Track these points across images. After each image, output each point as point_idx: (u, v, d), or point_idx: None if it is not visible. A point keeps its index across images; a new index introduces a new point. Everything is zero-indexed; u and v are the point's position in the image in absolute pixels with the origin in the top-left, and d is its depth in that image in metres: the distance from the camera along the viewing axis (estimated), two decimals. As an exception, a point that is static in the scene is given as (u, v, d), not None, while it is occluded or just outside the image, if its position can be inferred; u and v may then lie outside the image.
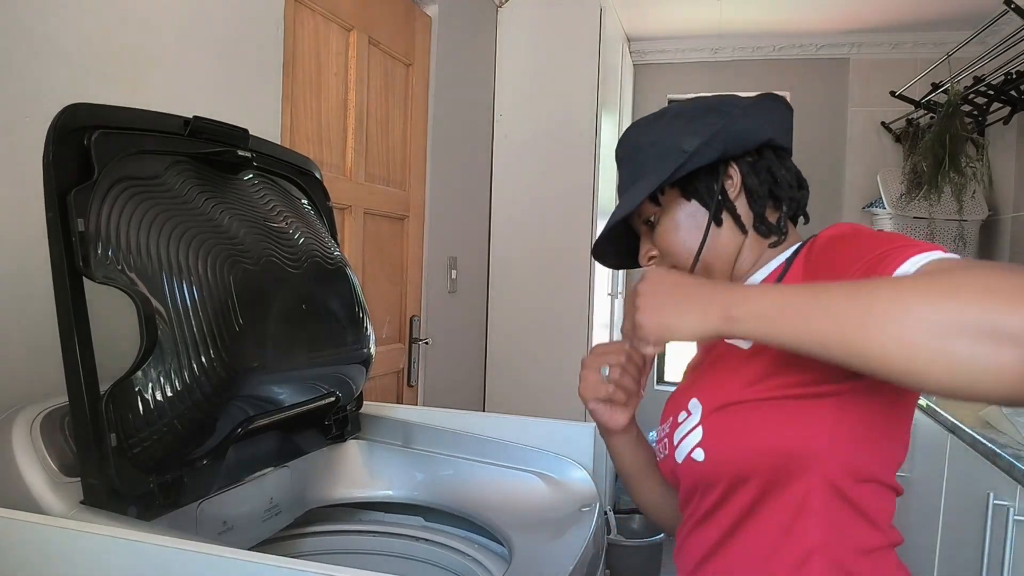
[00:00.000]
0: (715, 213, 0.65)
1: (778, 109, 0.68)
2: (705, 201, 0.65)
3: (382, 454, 0.94)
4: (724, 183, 0.65)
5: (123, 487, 0.59)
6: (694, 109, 0.67)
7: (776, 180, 0.67)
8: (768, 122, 0.67)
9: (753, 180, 0.65)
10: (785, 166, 0.68)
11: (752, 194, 0.66)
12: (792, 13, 2.49)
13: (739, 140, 0.64)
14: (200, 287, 0.63)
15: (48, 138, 0.57)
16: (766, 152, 0.67)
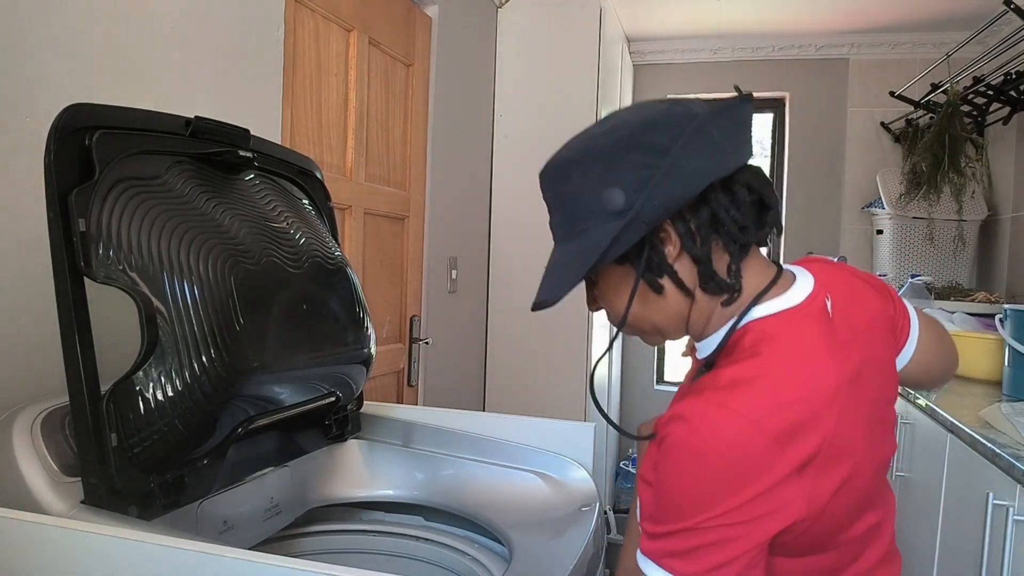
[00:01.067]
0: (651, 280, 0.57)
1: (730, 124, 0.58)
2: (637, 267, 0.56)
3: (382, 454, 0.94)
4: (660, 248, 0.56)
5: (124, 487, 0.59)
6: (613, 145, 0.56)
7: (723, 227, 0.56)
8: (714, 155, 0.55)
9: (692, 242, 0.56)
10: (736, 201, 0.56)
11: (694, 257, 0.56)
12: (792, 14, 2.50)
13: (674, 203, 0.54)
14: (201, 287, 0.63)
15: (49, 138, 0.57)
16: (710, 194, 0.55)
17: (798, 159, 2.79)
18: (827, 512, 0.51)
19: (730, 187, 0.56)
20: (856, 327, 0.58)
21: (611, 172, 0.55)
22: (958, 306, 2.00)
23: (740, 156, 0.57)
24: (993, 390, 1.62)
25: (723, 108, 0.57)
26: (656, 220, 0.55)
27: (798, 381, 0.52)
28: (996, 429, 1.22)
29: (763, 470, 0.48)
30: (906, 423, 1.62)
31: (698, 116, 0.56)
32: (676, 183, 0.54)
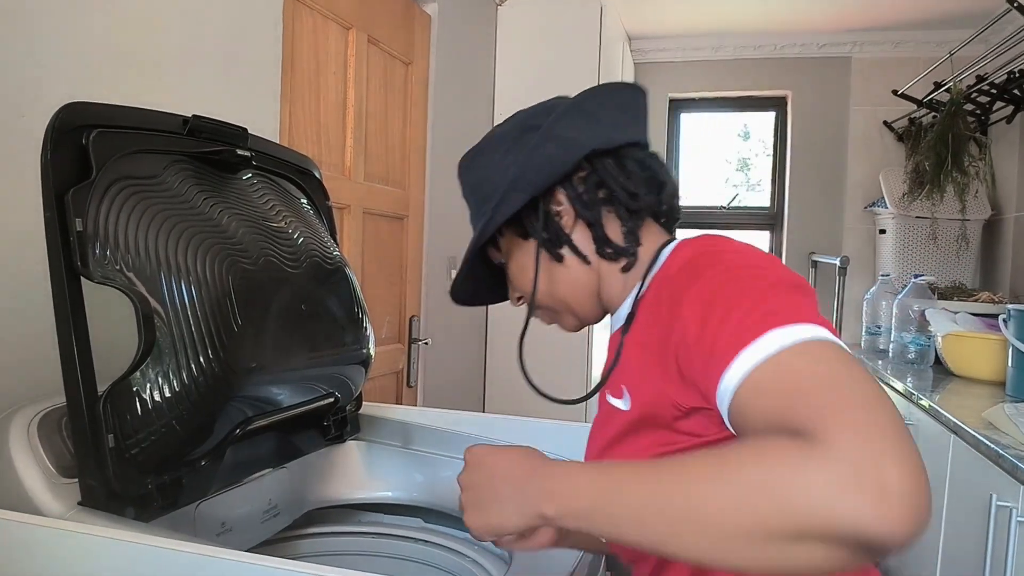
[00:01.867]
0: (550, 249, 0.60)
1: (609, 102, 0.60)
2: (537, 238, 0.60)
3: (381, 455, 0.93)
4: (555, 216, 0.59)
5: (121, 488, 0.59)
6: (511, 129, 0.62)
7: (612, 193, 0.59)
8: (589, 128, 0.59)
9: (582, 205, 0.59)
10: (625, 171, 0.59)
11: (586, 221, 0.59)
12: (794, 11, 2.49)
13: (551, 166, 0.57)
14: (199, 287, 0.63)
15: (46, 137, 0.56)
16: (597, 163, 0.59)
17: (800, 158, 2.78)
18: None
19: (621, 160, 0.60)
20: None
21: (507, 155, 0.61)
22: (961, 306, 1.99)
23: (627, 133, 0.61)
24: (996, 391, 1.61)
25: (605, 87, 0.62)
26: (538, 184, 0.58)
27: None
28: (999, 430, 1.22)
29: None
30: (909, 424, 1.62)
31: (575, 97, 0.61)
32: (552, 148, 0.58)
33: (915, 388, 1.63)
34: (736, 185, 3.06)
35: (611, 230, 0.60)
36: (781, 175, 2.89)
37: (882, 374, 1.90)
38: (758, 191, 3.03)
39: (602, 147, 0.59)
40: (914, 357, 1.98)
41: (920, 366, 1.97)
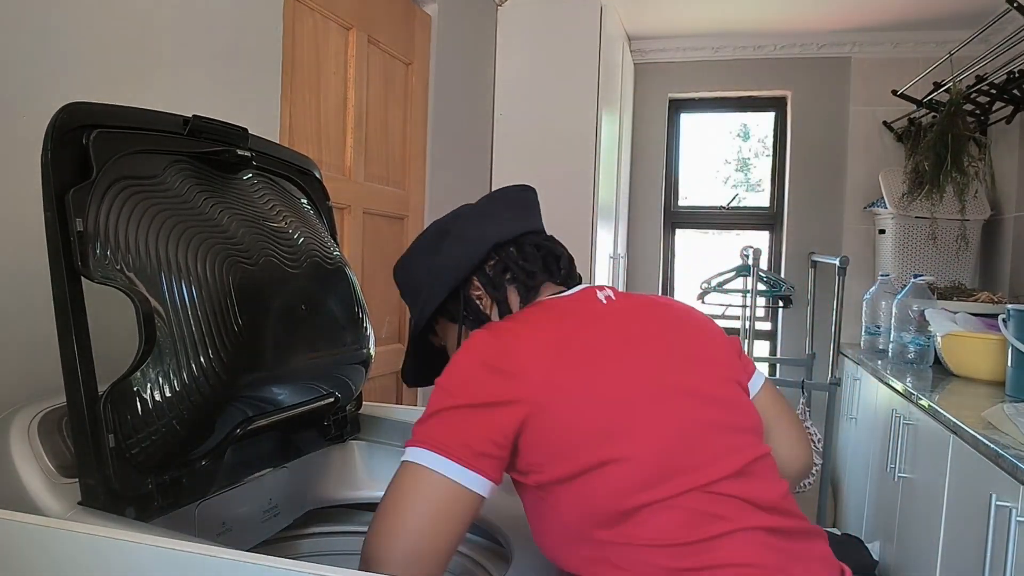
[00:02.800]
0: (473, 327, 0.72)
1: (503, 202, 0.76)
2: (459, 320, 0.74)
3: (382, 455, 0.93)
4: (474, 300, 0.74)
5: (121, 488, 0.59)
6: (429, 239, 0.77)
7: (513, 276, 0.73)
8: (491, 224, 0.74)
9: (492, 288, 0.73)
10: (524, 255, 0.74)
11: (495, 300, 0.73)
12: (793, 12, 2.49)
13: (463, 261, 0.73)
14: (199, 287, 0.63)
15: (46, 137, 0.56)
16: (501, 252, 0.74)
17: (800, 158, 2.78)
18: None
19: (521, 247, 0.74)
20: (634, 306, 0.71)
21: (428, 258, 0.75)
22: (961, 306, 1.99)
23: (524, 224, 0.76)
24: (996, 391, 1.61)
25: (498, 192, 0.78)
26: (454, 276, 0.73)
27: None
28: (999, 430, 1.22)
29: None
30: (908, 424, 1.62)
31: (475, 203, 0.77)
32: (461, 247, 0.73)
33: (915, 388, 1.63)
34: (736, 185, 3.06)
35: (512, 302, 0.74)
36: (781, 175, 2.89)
37: (882, 374, 1.90)
38: (758, 191, 3.03)
39: (504, 239, 0.73)
40: (914, 357, 1.98)
41: (920, 366, 1.97)
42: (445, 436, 0.59)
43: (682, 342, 0.69)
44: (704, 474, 0.59)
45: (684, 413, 0.62)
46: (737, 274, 2.69)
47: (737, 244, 2.83)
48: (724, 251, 3.00)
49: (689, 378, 0.65)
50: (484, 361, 0.61)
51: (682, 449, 0.59)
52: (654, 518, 0.57)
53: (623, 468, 0.57)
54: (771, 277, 2.72)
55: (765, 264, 2.89)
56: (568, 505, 0.59)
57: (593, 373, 0.61)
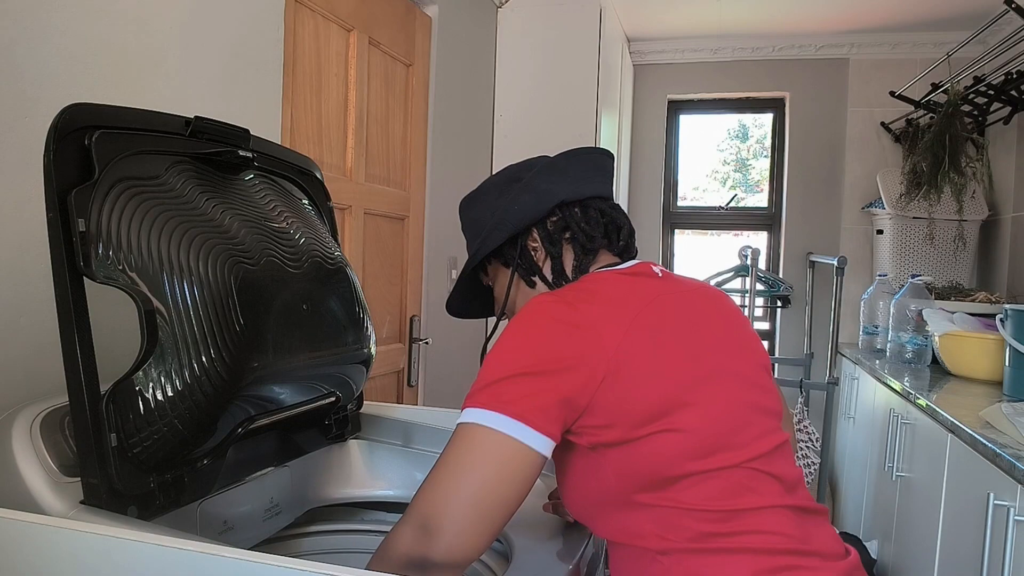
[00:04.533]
0: (524, 276, 0.76)
1: (579, 162, 0.76)
2: (513, 265, 0.76)
3: (382, 454, 0.94)
4: (530, 251, 0.75)
5: (123, 487, 0.59)
6: (500, 179, 0.78)
7: (573, 233, 0.74)
8: (562, 182, 0.74)
9: (550, 243, 0.74)
10: (587, 218, 0.74)
11: (550, 256, 0.75)
12: (792, 13, 2.50)
13: (528, 211, 0.73)
14: (201, 287, 0.63)
15: (49, 138, 0.57)
16: (566, 210, 0.74)
17: (798, 159, 2.78)
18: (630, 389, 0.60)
19: (586, 209, 0.75)
20: (688, 289, 0.72)
21: (495, 200, 0.76)
22: (958, 306, 2.00)
23: (594, 188, 0.76)
24: (994, 390, 1.62)
25: (579, 150, 0.78)
26: (516, 224, 0.74)
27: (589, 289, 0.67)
28: (997, 429, 1.22)
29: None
30: (906, 423, 1.62)
31: (552, 157, 0.77)
32: (529, 197, 0.74)
33: (912, 388, 1.64)
34: (734, 186, 3.07)
35: (566, 261, 0.75)
36: (779, 176, 2.90)
37: (880, 373, 1.90)
38: (756, 192, 3.04)
39: (570, 198, 0.74)
40: (911, 357, 1.99)
41: (917, 366, 1.98)
42: (517, 398, 0.57)
43: (728, 327, 0.71)
44: (746, 451, 0.62)
45: (734, 394, 0.64)
46: (736, 274, 2.69)
47: (736, 244, 2.84)
48: (723, 251, 3.00)
49: (736, 361, 0.68)
50: (561, 318, 0.61)
51: (731, 427, 0.62)
52: (697, 486, 0.60)
53: (678, 438, 0.60)
54: (769, 277, 2.73)
55: (763, 264, 2.89)
56: (616, 467, 0.61)
57: (661, 345, 0.62)
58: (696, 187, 3.10)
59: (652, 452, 0.60)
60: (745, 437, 0.63)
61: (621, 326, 0.61)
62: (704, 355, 0.65)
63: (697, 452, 0.60)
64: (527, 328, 0.61)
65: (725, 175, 3.09)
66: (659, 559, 0.60)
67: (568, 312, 0.61)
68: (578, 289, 0.67)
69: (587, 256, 0.74)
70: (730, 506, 0.60)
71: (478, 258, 0.77)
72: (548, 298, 0.64)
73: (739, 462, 0.61)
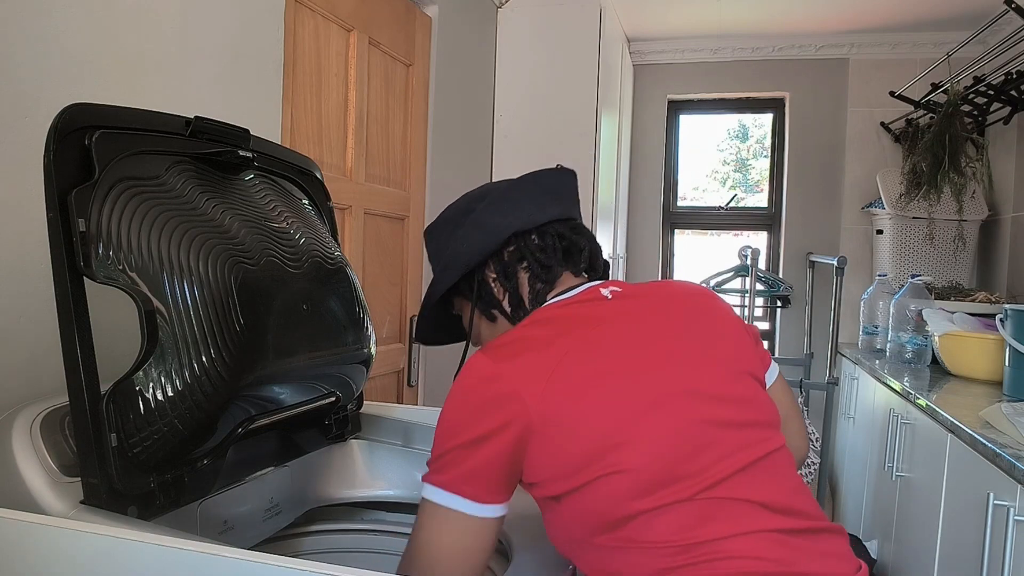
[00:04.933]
0: (484, 311, 0.75)
1: (532, 188, 0.74)
2: (471, 301, 0.75)
3: (382, 454, 0.94)
4: (489, 283, 0.74)
5: (123, 487, 0.59)
6: (456, 212, 0.76)
7: (528, 264, 0.73)
8: (514, 212, 0.72)
9: (504, 276, 0.73)
10: (543, 246, 0.73)
11: (506, 290, 0.73)
12: (791, 14, 2.50)
13: (478, 248, 0.72)
14: (201, 287, 0.63)
15: (49, 138, 0.57)
16: (521, 240, 0.73)
17: (798, 159, 2.78)
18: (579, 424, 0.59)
19: (543, 235, 0.73)
20: (644, 304, 0.69)
21: (451, 234, 0.75)
22: (958, 306, 2.00)
23: (549, 214, 0.74)
24: (994, 390, 1.62)
25: (531, 176, 0.75)
26: (467, 263, 0.73)
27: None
28: (997, 429, 1.22)
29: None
30: (906, 423, 1.62)
31: (505, 186, 0.75)
32: (479, 234, 0.72)
33: (912, 387, 1.64)
34: (734, 186, 3.07)
35: (522, 291, 0.73)
36: (779, 176, 2.90)
37: (879, 373, 1.90)
38: (756, 192, 3.04)
39: (523, 228, 0.72)
40: (911, 357, 1.99)
41: (917, 366, 1.98)
42: (456, 475, 0.60)
43: (691, 338, 0.67)
44: (702, 478, 0.58)
45: (687, 416, 0.61)
46: (736, 274, 2.70)
47: (736, 244, 2.84)
48: (723, 251, 3.00)
49: (695, 378, 0.64)
50: (485, 380, 0.61)
51: (682, 455, 0.59)
52: (649, 524, 0.57)
53: (620, 479, 0.58)
54: (769, 277, 2.73)
55: (763, 264, 2.89)
56: (570, 514, 0.60)
57: (592, 388, 0.60)
58: (696, 187, 3.10)
59: (596, 498, 0.58)
60: (701, 463, 0.59)
61: (542, 379, 0.60)
62: (648, 382, 0.62)
63: (641, 491, 0.57)
64: (458, 396, 0.62)
65: (725, 175, 3.09)
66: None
67: (493, 371, 0.61)
68: (511, 339, 0.66)
69: (546, 285, 0.72)
70: (689, 539, 0.57)
71: (432, 299, 0.76)
72: (478, 358, 0.63)
73: (693, 493, 0.58)
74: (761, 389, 0.69)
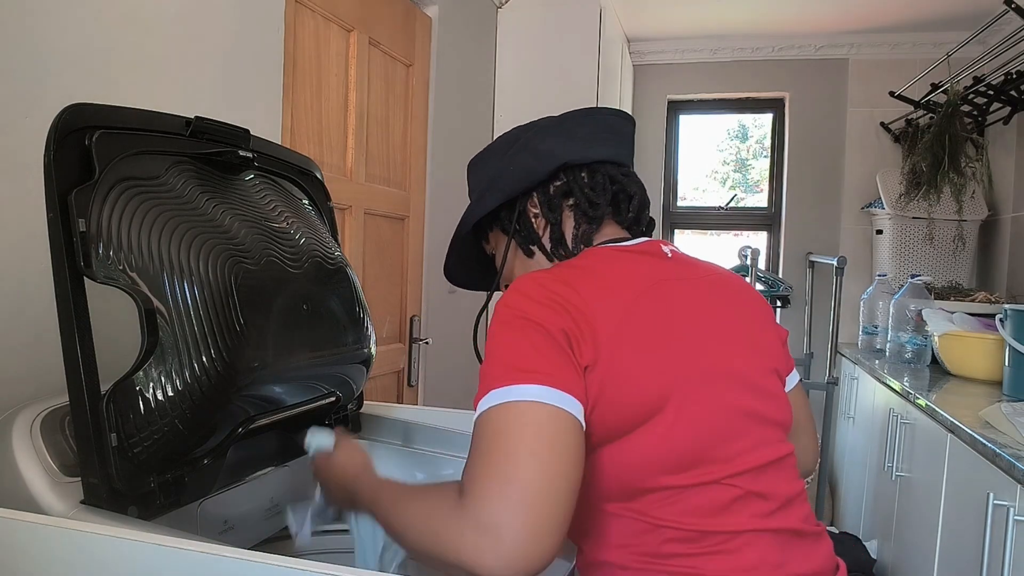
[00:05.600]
0: (522, 245, 0.70)
1: (590, 123, 0.69)
2: (510, 232, 0.70)
3: (382, 454, 0.94)
4: (529, 217, 0.69)
5: (124, 487, 0.59)
6: (506, 139, 0.72)
7: (575, 199, 0.68)
8: (567, 143, 0.67)
9: (548, 209, 0.68)
10: (593, 184, 0.68)
11: (549, 223, 0.68)
12: (792, 14, 2.50)
13: (525, 174, 0.67)
14: (201, 287, 0.63)
15: (49, 138, 0.57)
16: (571, 174, 0.68)
17: (798, 159, 2.79)
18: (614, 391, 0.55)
19: (594, 174, 0.68)
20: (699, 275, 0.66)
21: (497, 161, 0.71)
22: (958, 306, 2.00)
23: (602, 151, 0.69)
24: (993, 390, 1.62)
25: (591, 109, 0.71)
26: (512, 187, 0.68)
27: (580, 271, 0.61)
28: (996, 429, 1.22)
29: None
30: (906, 423, 1.62)
31: (559, 116, 0.70)
32: (527, 157, 0.67)
33: (912, 387, 1.64)
34: (734, 186, 3.07)
35: (566, 229, 0.68)
36: (779, 176, 2.90)
37: (879, 373, 1.90)
38: (756, 192, 3.04)
39: (575, 161, 0.67)
40: (911, 357, 1.99)
41: (917, 365, 1.98)
42: (533, 362, 0.51)
43: (738, 321, 0.65)
44: (730, 465, 0.56)
45: (726, 400, 0.58)
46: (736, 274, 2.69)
47: (735, 244, 2.83)
48: (723, 251, 3.00)
49: (738, 361, 0.61)
50: (553, 292, 0.55)
51: (716, 437, 0.57)
52: (670, 501, 0.55)
53: (653, 448, 0.55)
54: (769, 277, 2.73)
55: (763, 264, 2.89)
56: (591, 469, 0.56)
57: (654, 340, 0.56)
58: (696, 187, 3.11)
59: (624, 461, 0.55)
60: (732, 449, 0.57)
61: (615, 315, 0.55)
62: (700, 352, 0.58)
63: (673, 465, 0.55)
64: (519, 302, 0.55)
65: (725, 175, 3.10)
66: (617, 573, 0.57)
67: (561, 289, 0.55)
68: (571, 266, 0.61)
69: (590, 225, 0.67)
70: (702, 526, 0.55)
71: (468, 223, 0.71)
72: (538, 274, 0.58)
73: (719, 477, 0.55)
74: (783, 389, 0.67)
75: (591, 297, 0.56)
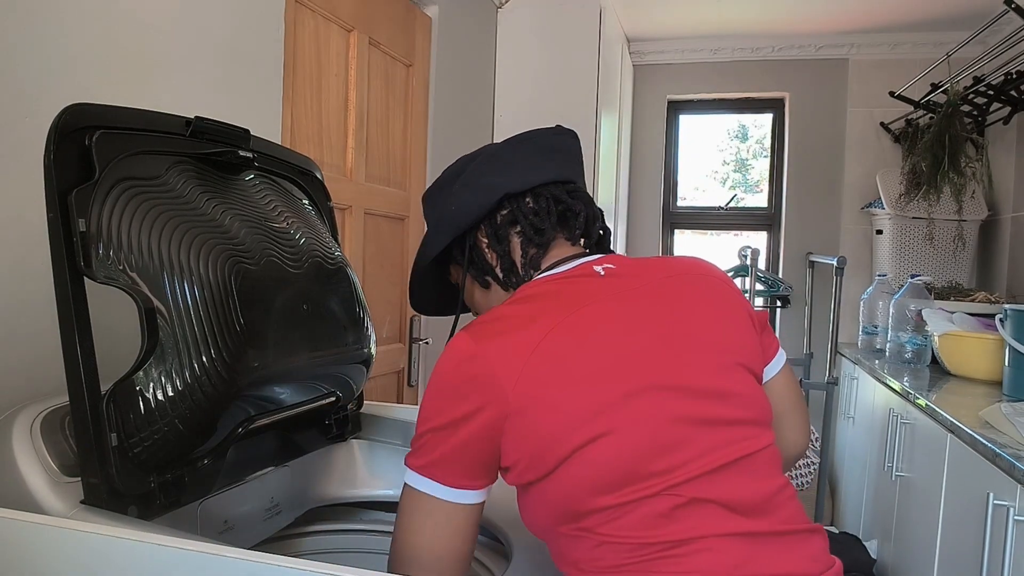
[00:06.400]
0: (477, 277, 0.72)
1: (525, 148, 0.71)
2: (463, 265, 0.72)
3: (382, 453, 0.94)
4: (482, 248, 0.71)
5: (124, 487, 0.59)
6: (448, 176, 0.73)
7: (520, 227, 0.69)
8: (506, 172, 0.69)
9: (496, 240, 0.70)
10: (537, 208, 0.69)
11: (497, 253, 0.71)
12: (792, 13, 2.50)
13: (468, 211, 0.69)
14: (201, 287, 0.63)
15: (49, 138, 0.57)
16: (513, 202, 0.70)
17: (798, 159, 2.79)
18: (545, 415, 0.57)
19: (538, 198, 0.70)
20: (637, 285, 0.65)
21: (445, 197, 0.72)
22: (958, 306, 2.00)
23: (545, 174, 0.70)
24: (993, 390, 1.62)
25: (525, 135, 0.73)
26: (459, 224, 0.70)
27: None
28: (996, 429, 1.22)
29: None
30: (906, 423, 1.63)
31: (497, 145, 0.72)
32: (469, 195, 0.69)
33: (912, 387, 1.64)
34: (734, 186, 3.07)
35: (515, 256, 0.70)
36: (779, 176, 2.90)
37: (879, 373, 1.90)
38: (756, 192, 3.04)
39: (516, 190, 0.69)
40: (911, 357, 1.99)
41: (917, 365, 1.98)
42: (430, 460, 0.60)
43: (681, 325, 0.63)
44: (674, 476, 0.56)
45: (660, 413, 0.58)
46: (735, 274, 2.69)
47: (735, 244, 2.84)
48: (723, 251, 3.00)
49: (677, 370, 0.60)
50: (464, 361, 0.59)
51: (650, 453, 0.56)
52: (613, 519, 0.56)
53: (585, 472, 0.56)
54: (769, 277, 2.73)
55: (763, 264, 2.89)
56: (536, 502, 0.60)
57: (568, 374, 0.57)
58: (696, 187, 3.11)
59: (561, 488, 0.57)
60: (670, 462, 0.56)
61: (519, 361, 0.57)
62: (626, 372, 0.58)
63: (605, 487, 0.56)
64: (437, 378, 0.61)
65: (725, 175, 3.10)
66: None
67: (470, 351, 0.59)
68: (494, 316, 0.62)
69: (538, 250, 0.69)
70: (644, 538, 0.55)
71: (421, 264, 0.73)
72: (459, 337, 0.61)
73: (660, 489, 0.55)
74: (753, 383, 0.65)
75: (495, 354, 0.58)
